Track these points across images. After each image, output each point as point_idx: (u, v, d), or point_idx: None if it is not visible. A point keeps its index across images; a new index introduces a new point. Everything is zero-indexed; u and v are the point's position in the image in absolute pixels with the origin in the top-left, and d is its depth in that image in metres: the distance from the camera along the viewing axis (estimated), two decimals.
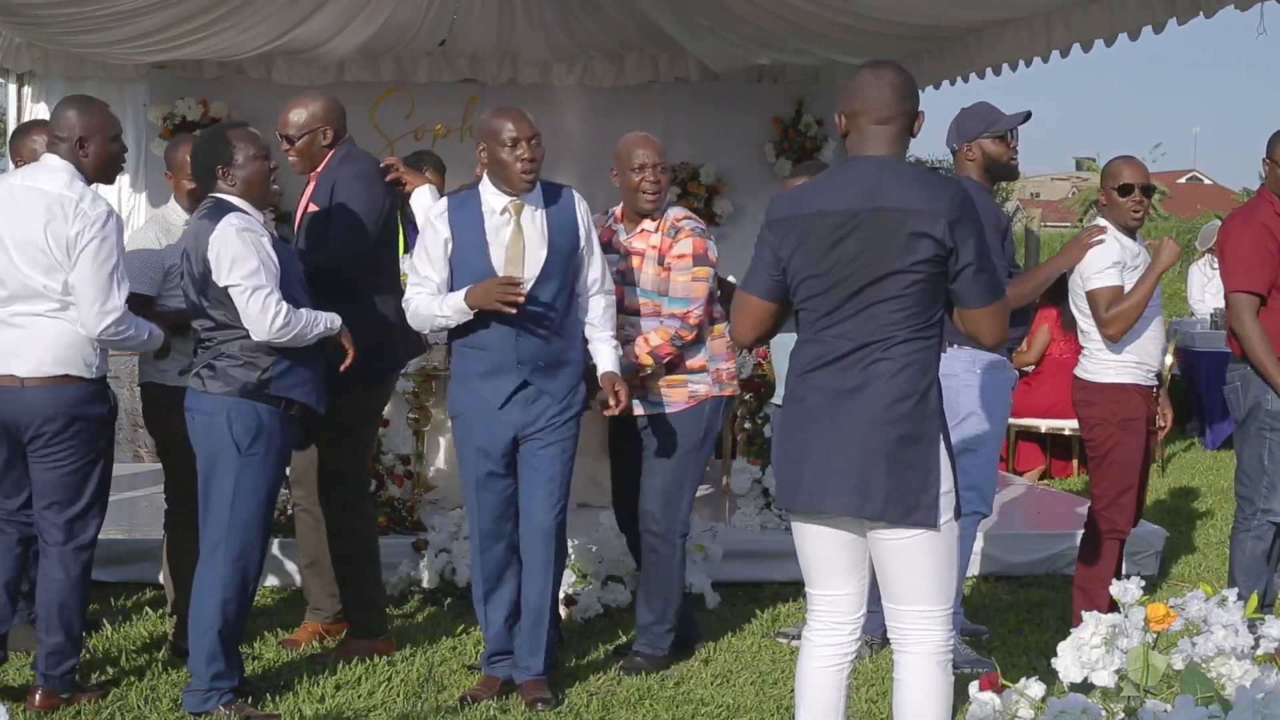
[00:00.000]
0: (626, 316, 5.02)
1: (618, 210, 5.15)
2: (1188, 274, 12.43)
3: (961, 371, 5.23)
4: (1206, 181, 57.79)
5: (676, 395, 5.06)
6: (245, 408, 4.47)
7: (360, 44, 9.84)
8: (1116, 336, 5.14)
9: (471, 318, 4.60)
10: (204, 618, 4.50)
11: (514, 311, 4.56)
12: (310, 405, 4.64)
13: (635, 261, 5.06)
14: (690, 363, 5.07)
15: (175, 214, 5.24)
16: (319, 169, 5.10)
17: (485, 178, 4.73)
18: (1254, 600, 2.89)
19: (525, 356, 4.66)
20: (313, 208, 5.07)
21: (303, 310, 4.54)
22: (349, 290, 4.94)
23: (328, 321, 4.63)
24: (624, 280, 5.05)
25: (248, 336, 4.47)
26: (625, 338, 4.98)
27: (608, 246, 5.02)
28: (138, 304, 5.04)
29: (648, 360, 4.98)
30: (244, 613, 4.60)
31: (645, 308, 5.05)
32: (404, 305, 4.76)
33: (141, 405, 5.39)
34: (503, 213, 4.64)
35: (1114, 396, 5.19)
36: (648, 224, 5.06)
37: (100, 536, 5.92)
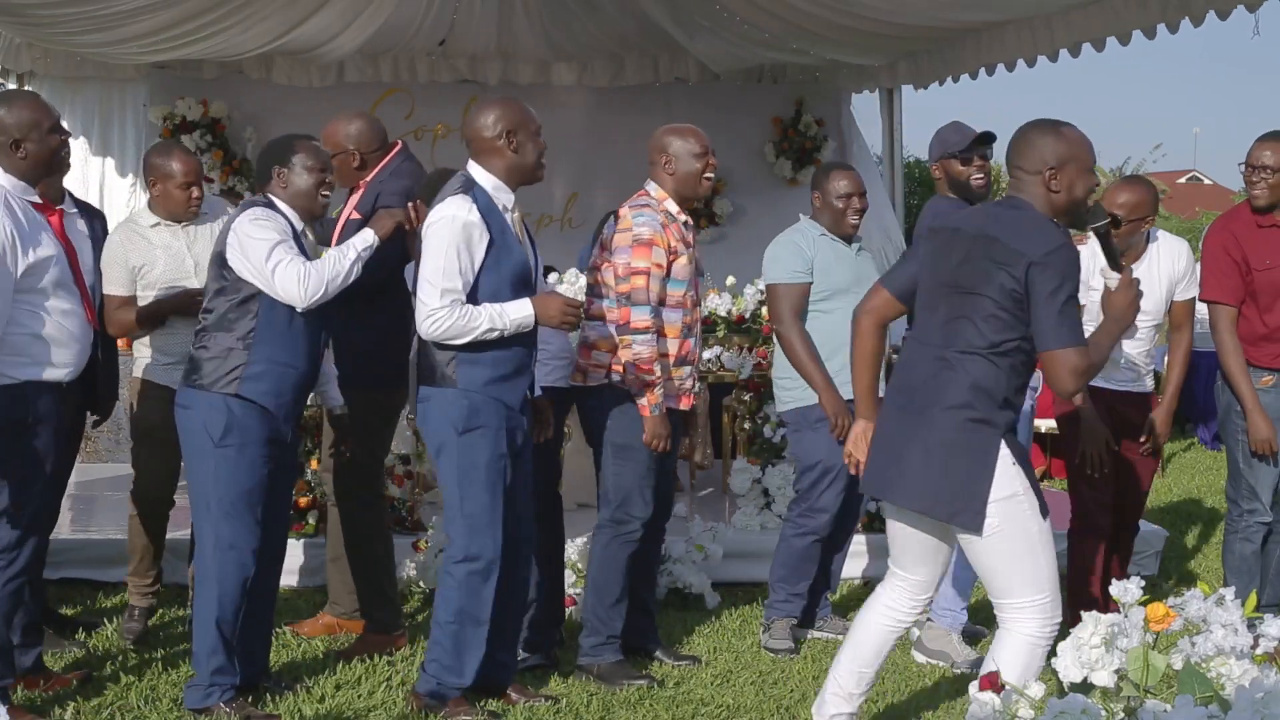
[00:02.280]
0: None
1: (667, 205, 4.98)
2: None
3: None
4: (1206, 181, 57.69)
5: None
6: (216, 402, 4.44)
7: (360, 44, 9.85)
8: None
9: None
10: (202, 611, 4.50)
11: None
12: (278, 416, 4.56)
13: (693, 253, 5.11)
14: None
15: (144, 217, 5.32)
16: (369, 178, 5.20)
17: (484, 172, 4.49)
18: (1253, 599, 2.89)
19: (535, 359, 4.66)
20: (356, 215, 5.13)
21: (327, 255, 4.53)
22: (378, 295, 4.96)
23: (360, 246, 4.60)
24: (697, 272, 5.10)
25: (228, 331, 4.46)
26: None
27: (686, 245, 4.98)
28: (114, 304, 5.13)
29: None
30: (240, 606, 4.53)
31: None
32: (429, 323, 4.35)
33: (136, 399, 5.39)
34: (513, 209, 4.56)
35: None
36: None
37: (96, 536, 6.00)
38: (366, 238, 4.65)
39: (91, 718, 4.53)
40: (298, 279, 4.42)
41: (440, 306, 4.34)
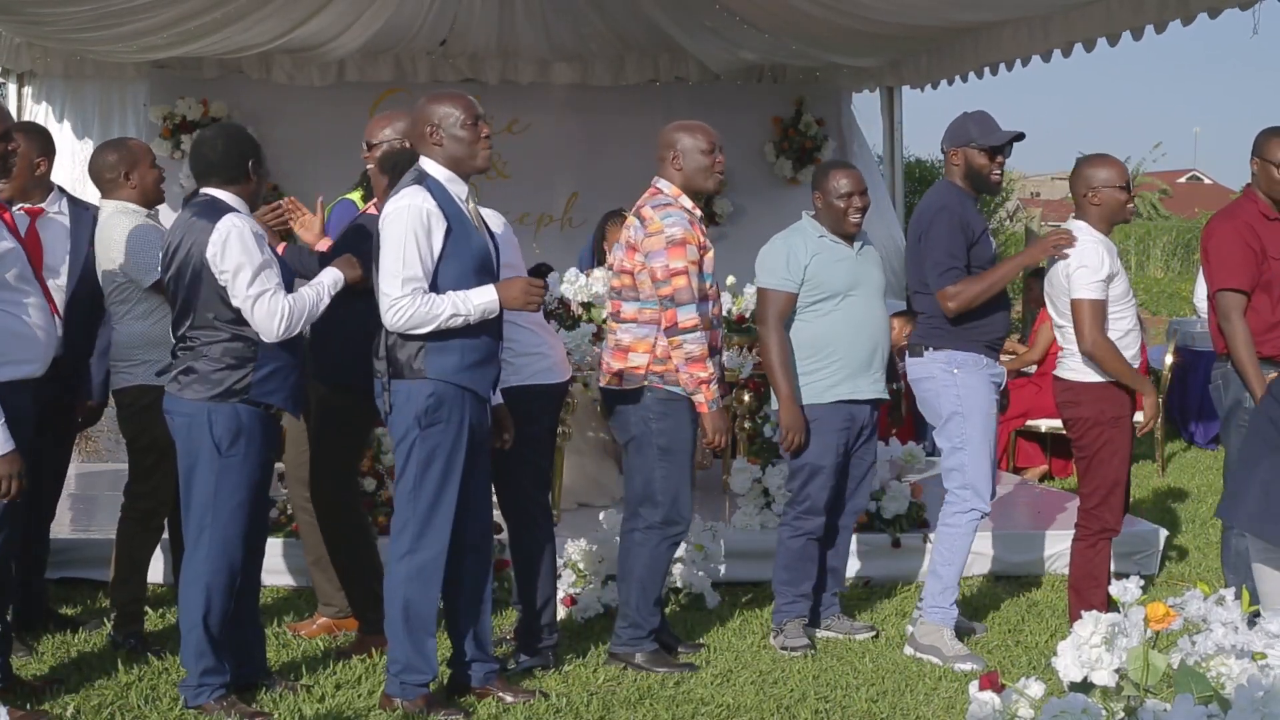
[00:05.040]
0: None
1: (684, 202, 5.04)
2: (1197, 274, 12.41)
3: (939, 373, 5.31)
4: (1206, 181, 57.74)
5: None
6: (226, 409, 4.43)
7: (362, 43, 9.86)
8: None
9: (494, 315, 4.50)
10: (190, 614, 4.51)
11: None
12: (287, 410, 4.62)
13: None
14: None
15: (127, 208, 5.19)
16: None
17: (434, 164, 4.50)
18: (1246, 595, 2.89)
19: (501, 349, 4.64)
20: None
21: (303, 293, 4.52)
22: (363, 291, 4.97)
23: (331, 288, 4.62)
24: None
25: (230, 340, 4.43)
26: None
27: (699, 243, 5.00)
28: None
29: None
30: (229, 609, 4.55)
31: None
32: (392, 313, 4.36)
33: (116, 410, 5.24)
34: (467, 200, 4.56)
35: (1102, 395, 5.22)
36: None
37: (97, 536, 6.00)
38: (338, 280, 4.66)
39: (92, 717, 4.54)
40: (278, 315, 4.40)
41: (402, 295, 4.35)
